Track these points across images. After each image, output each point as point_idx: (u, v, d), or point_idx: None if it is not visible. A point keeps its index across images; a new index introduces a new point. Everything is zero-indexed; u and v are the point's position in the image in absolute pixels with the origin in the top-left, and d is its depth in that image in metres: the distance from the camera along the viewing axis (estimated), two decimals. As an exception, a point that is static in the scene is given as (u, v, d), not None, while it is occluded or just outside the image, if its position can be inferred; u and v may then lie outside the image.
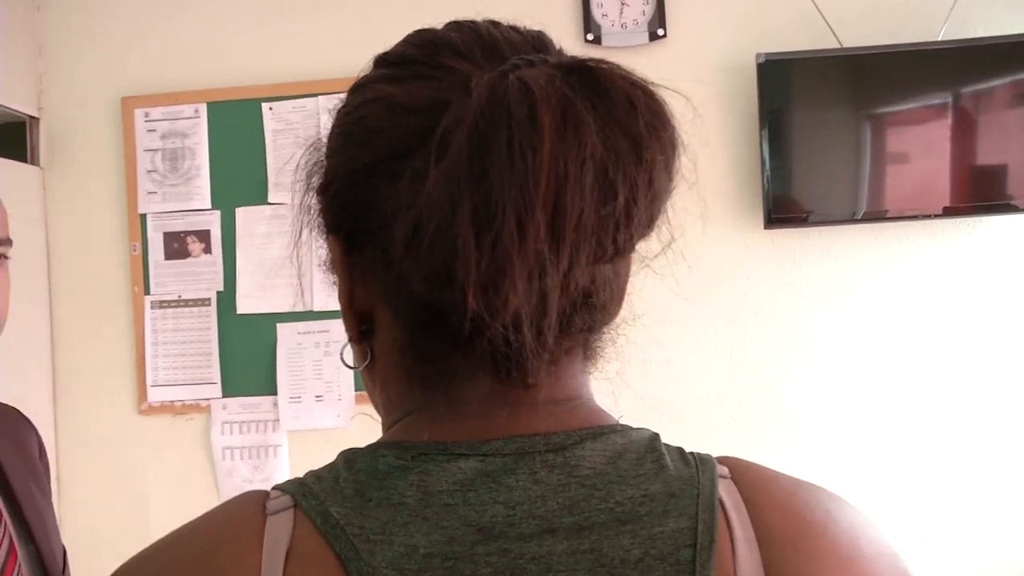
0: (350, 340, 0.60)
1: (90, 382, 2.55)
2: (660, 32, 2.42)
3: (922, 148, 2.36)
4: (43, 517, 1.17)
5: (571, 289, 0.51)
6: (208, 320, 2.53)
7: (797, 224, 2.37)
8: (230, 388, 2.52)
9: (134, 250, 2.54)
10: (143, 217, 2.54)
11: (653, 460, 0.55)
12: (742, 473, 0.56)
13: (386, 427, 0.60)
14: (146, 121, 2.54)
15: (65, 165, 2.58)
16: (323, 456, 0.58)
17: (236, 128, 2.51)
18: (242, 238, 2.52)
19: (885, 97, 2.38)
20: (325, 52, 2.48)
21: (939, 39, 2.35)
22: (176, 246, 2.54)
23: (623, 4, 2.43)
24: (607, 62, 0.51)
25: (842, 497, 0.58)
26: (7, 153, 2.47)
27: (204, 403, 2.53)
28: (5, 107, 2.46)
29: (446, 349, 0.54)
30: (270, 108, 2.49)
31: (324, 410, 2.49)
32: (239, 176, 2.52)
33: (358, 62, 0.61)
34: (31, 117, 2.56)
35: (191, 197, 2.53)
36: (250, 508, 0.54)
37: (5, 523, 1.10)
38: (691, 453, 0.57)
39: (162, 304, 2.54)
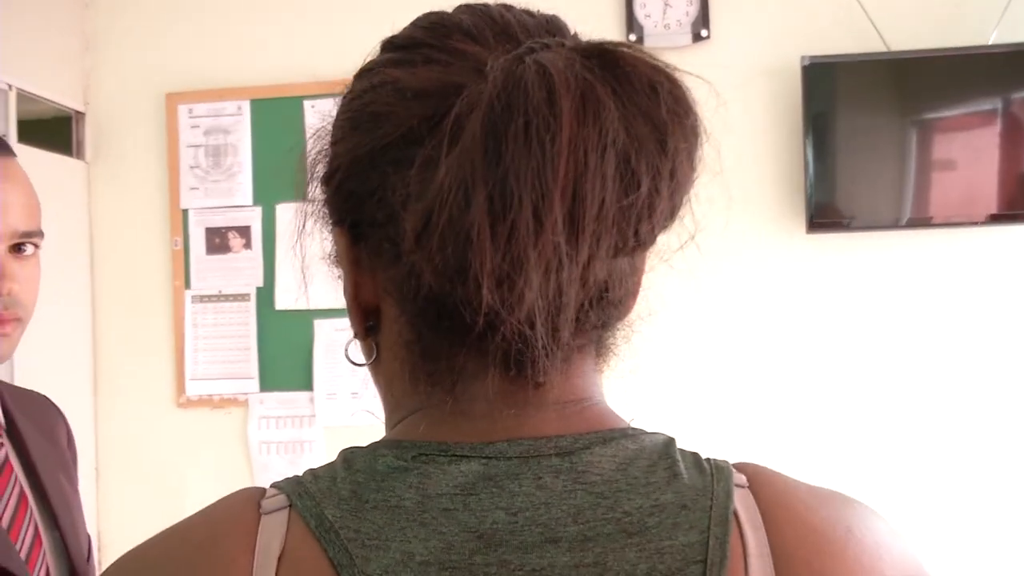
0: (355, 336, 0.57)
1: (130, 374, 2.55)
2: (704, 33, 2.37)
3: (969, 154, 2.30)
4: (69, 505, 1.16)
5: (589, 283, 0.48)
6: (247, 315, 2.52)
7: (840, 229, 2.32)
8: (267, 383, 2.51)
9: (176, 245, 2.54)
10: (185, 212, 2.54)
11: (666, 468, 0.51)
12: (761, 483, 0.52)
13: (390, 426, 0.57)
14: (190, 117, 2.54)
15: (110, 159, 2.58)
16: None
17: (278, 125, 2.50)
18: (282, 234, 2.50)
19: (932, 102, 2.31)
20: (367, 50, 2.45)
21: (990, 43, 2.28)
22: (217, 241, 2.53)
23: (666, 4, 2.38)
24: (628, 45, 0.48)
25: (870, 509, 0.53)
26: (53, 147, 2.48)
27: (242, 397, 2.52)
28: (52, 102, 2.47)
29: (454, 345, 0.51)
30: (312, 105, 2.47)
31: (360, 406, 2.47)
32: (280, 173, 2.51)
33: None
34: (77, 112, 2.57)
35: (233, 193, 2.52)
36: (245, 506, 0.51)
37: (31, 510, 1.10)
38: (707, 460, 0.53)
39: (202, 298, 2.53)
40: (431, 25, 0.54)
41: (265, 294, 2.51)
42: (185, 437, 2.53)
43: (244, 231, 2.52)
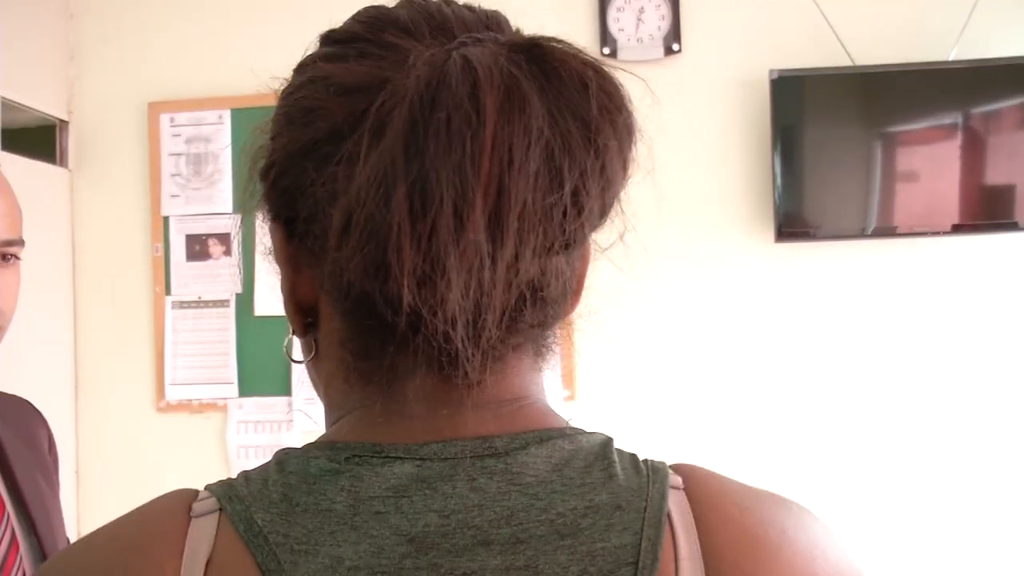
0: (293, 333, 0.56)
1: (110, 379, 2.54)
2: (675, 47, 2.40)
3: (932, 166, 2.33)
4: (47, 510, 1.14)
5: (517, 283, 0.46)
6: (226, 321, 2.51)
7: (806, 238, 2.34)
8: (246, 388, 2.51)
9: (156, 251, 2.53)
10: (166, 219, 2.53)
11: (602, 468, 0.50)
12: (696, 484, 0.51)
13: (327, 425, 0.55)
14: (172, 126, 2.53)
15: (93, 168, 2.57)
16: None
17: (259, 134, 2.50)
18: (261, 241, 2.50)
19: (896, 115, 2.35)
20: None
21: (950, 59, 2.32)
22: (197, 248, 2.53)
23: (639, 19, 2.41)
24: (560, 40, 0.47)
25: (807, 510, 0.53)
26: (37, 155, 2.47)
27: (221, 402, 2.51)
28: (36, 110, 2.46)
29: (385, 345, 0.49)
30: (290, 115, 2.48)
31: (338, 412, 2.47)
32: (260, 181, 2.51)
33: None
34: (61, 121, 2.56)
35: (213, 200, 2.52)
36: (175, 509, 0.50)
37: (8, 515, 1.08)
38: (645, 461, 0.52)
39: (182, 304, 2.53)
40: (369, 19, 0.53)
41: (244, 300, 2.51)
42: (165, 441, 2.52)
43: (224, 238, 2.52)
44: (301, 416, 2.48)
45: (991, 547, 2.34)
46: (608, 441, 0.52)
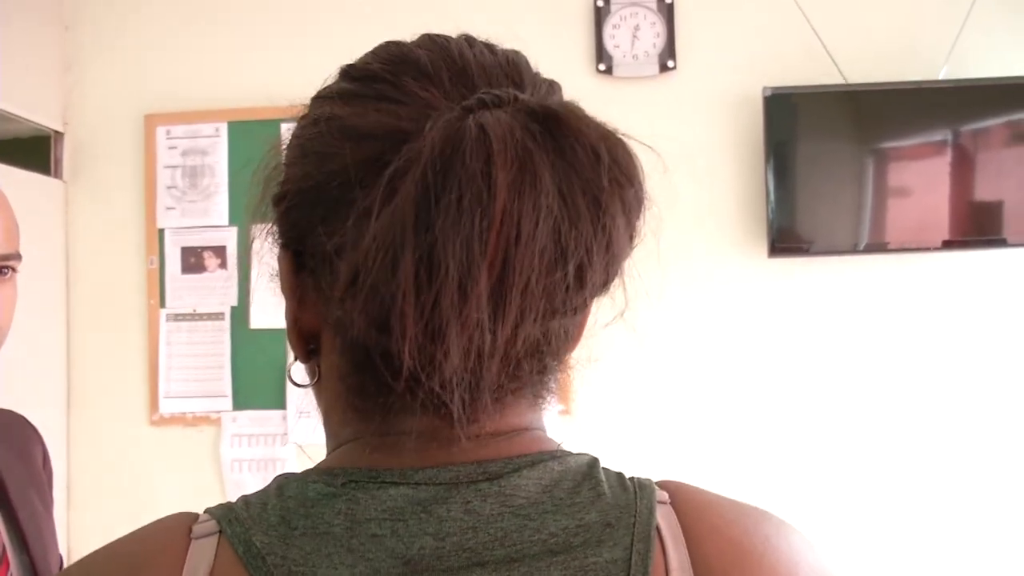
0: (296, 359, 0.56)
1: (104, 392, 2.51)
2: (670, 64, 2.40)
3: (922, 183, 2.34)
4: (40, 527, 1.12)
5: (517, 346, 0.47)
6: (221, 334, 2.49)
7: (800, 253, 2.34)
8: (241, 401, 2.48)
9: (151, 264, 2.51)
10: (161, 232, 2.51)
11: (590, 488, 0.51)
12: (682, 499, 0.52)
13: (328, 451, 0.56)
14: (168, 138, 2.51)
15: (87, 179, 2.55)
16: None
17: (255, 147, 2.46)
18: (258, 254, 2.48)
19: (887, 132, 2.35)
20: (344, 75, 2.45)
21: (940, 78, 2.33)
22: (193, 261, 2.50)
23: (635, 36, 2.41)
24: (577, 108, 0.47)
25: (785, 522, 0.54)
26: (32, 166, 2.45)
27: (215, 415, 2.48)
28: (31, 121, 2.44)
29: (382, 387, 0.49)
30: (289, 128, 2.46)
31: (332, 425, 2.45)
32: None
33: None
34: (56, 132, 2.54)
35: (209, 213, 2.50)
36: (175, 531, 0.51)
37: (0, 532, 1.06)
38: (631, 479, 0.53)
39: (177, 317, 2.50)
40: (389, 59, 0.52)
41: (239, 313, 2.49)
42: (158, 454, 2.48)
43: (219, 251, 2.50)
44: (296, 429, 2.45)
45: (975, 557, 2.33)
46: (594, 461, 0.53)
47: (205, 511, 0.52)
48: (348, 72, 0.55)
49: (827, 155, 2.34)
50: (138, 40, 2.54)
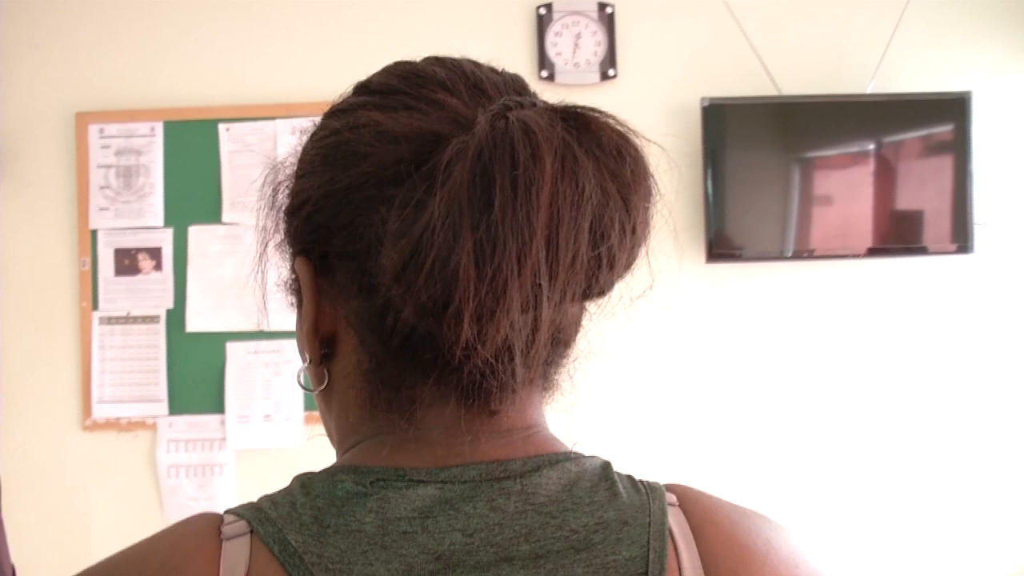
0: (310, 362, 0.57)
1: (34, 397, 2.39)
2: (611, 72, 2.39)
3: (847, 192, 2.39)
4: None
5: (557, 325, 0.51)
6: (156, 337, 2.40)
7: (733, 259, 2.37)
8: (177, 406, 2.39)
9: (83, 265, 2.40)
10: (94, 233, 2.40)
11: (606, 488, 0.53)
12: (690, 501, 0.55)
13: (342, 451, 0.57)
14: (101, 137, 2.41)
15: (16, 178, 2.42)
16: (270, 476, 0.53)
17: (192, 147, 2.40)
18: (194, 257, 2.39)
19: (815, 143, 2.40)
20: (284, 76, 2.39)
21: (868, 92, 2.38)
22: (127, 263, 2.40)
23: (576, 45, 2.40)
24: (596, 110, 0.51)
25: (782, 524, 0.57)
26: (-46, 164, 2.31)
27: (150, 420, 2.39)
28: (-46, 117, 2.30)
29: (418, 376, 0.52)
30: (227, 129, 2.38)
31: (272, 430, 2.37)
32: (193, 195, 2.41)
33: (318, 87, 0.58)
34: (-19, 128, 2.40)
35: (144, 214, 2.40)
36: (205, 532, 0.50)
37: None
38: (641, 481, 0.55)
39: (110, 320, 2.40)
40: (406, 74, 0.55)
41: (175, 316, 2.40)
42: (91, 461, 2.38)
43: (155, 252, 2.40)
44: (235, 434, 2.38)
45: (908, 553, 2.39)
46: (607, 464, 0.56)
47: (227, 511, 0.52)
48: (366, 87, 0.57)
49: (758, 164, 2.37)
50: (70, 35, 2.43)
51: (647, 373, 2.40)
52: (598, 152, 0.49)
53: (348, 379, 0.55)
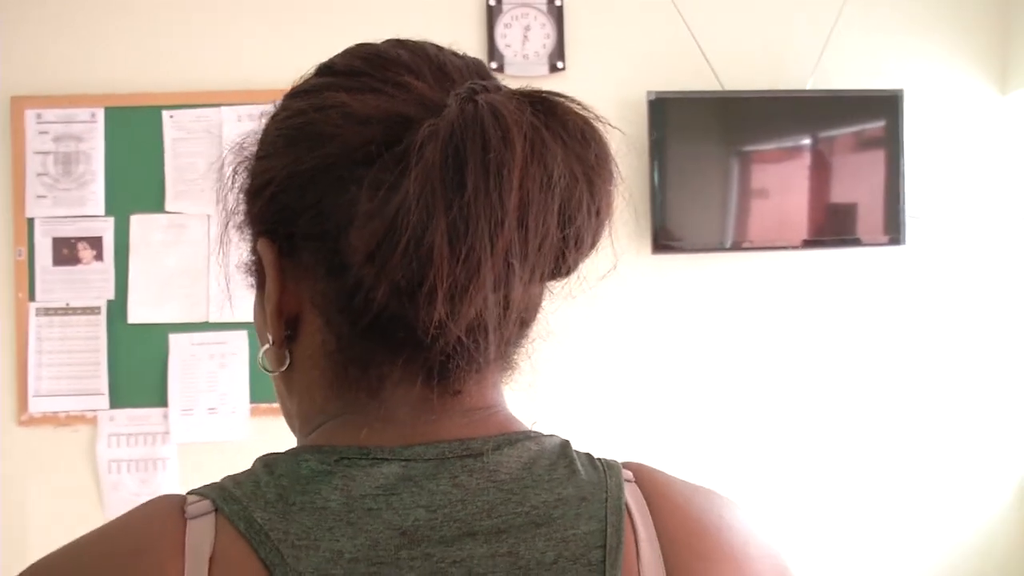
0: (273, 343, 0.56)
1: (-34, 391, 2.28)
2: (559, 65, 2.39)
3: (783, 185, 2.43)
4: None
5: (525, 304, 0.52)
6: (97, 329, 2.31)
7: (676, 251, 2.39)
8: (118, 399, 2.31)
9: (19, 255, 2.30)
10: (31, 221, 2.31)
11: (565, 465, 0.54)
12: (645, 478, 0.56)
13: (305, 433, 0.57)
14: (38, 123, 2.31)
15: (-55, 164, 2.30)
16: (215, 469, 0.53)
17: (134, 134, 2.32)
18: (136, 246, 2.31)
19: (754, 137, 2.43)
20: (230, 62, 2.32)
21: (807, 88, 2.42)
22: (66, 252, 2.31)
23: (525, 37, 2.39)
24: (561, 95, 0.51)
25: (734, 501, 0.59)
26: None
27: (90, 414, 2.30)
28: None
29: (385, 355, 0.52)
30: (171, 116, 2.31)
31: (217, 423, 2.31)
32: (136, 183, 2.33)
33: (265, 74, 0.55)
34: (-92, 112, 2.28)
35: (84, 202, 2.31)
36: (169, 512, 0.50)
37: None
38: (599, 459, 0.56)
39: (48, 311, 2.30)
40: (370, 56, 0.55)
41: (117, 307, 2.32)
42: (28, 456, 2.29)
43: (95, 242, 2.31)
44: (178, 427, 2.30)
45: (851, 538, 2.45)
46: (566, 442, 0.56)
47: (190, 492, 0.51)
48: (330, 68, 0.56)
49: (701, 157, 2.40)
50: (6, 17, 2.31)
51: (599, 360, 2.41)
52: (564, 136, 0.49)
53: (311, 360, 0.55)
